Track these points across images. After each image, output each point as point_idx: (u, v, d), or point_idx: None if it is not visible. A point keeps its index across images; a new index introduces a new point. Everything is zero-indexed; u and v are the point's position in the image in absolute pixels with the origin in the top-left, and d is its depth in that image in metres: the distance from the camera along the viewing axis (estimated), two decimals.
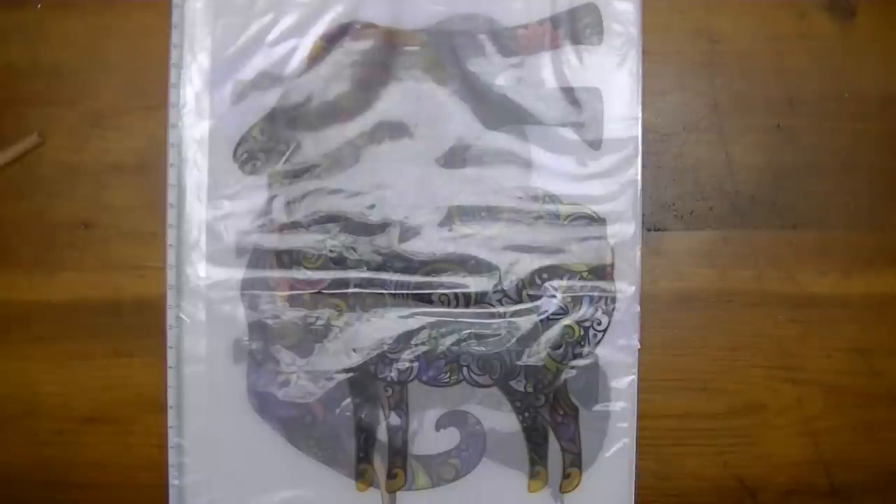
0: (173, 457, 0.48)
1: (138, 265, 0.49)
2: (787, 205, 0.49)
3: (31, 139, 0.49)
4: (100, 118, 0.49)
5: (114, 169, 0.49)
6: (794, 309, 0.48)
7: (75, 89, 0.49)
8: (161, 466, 0.48)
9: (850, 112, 0.48)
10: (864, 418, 0.49)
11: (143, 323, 0.48)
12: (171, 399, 0.48)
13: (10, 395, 0.49)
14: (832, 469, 0.49)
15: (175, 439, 0.48)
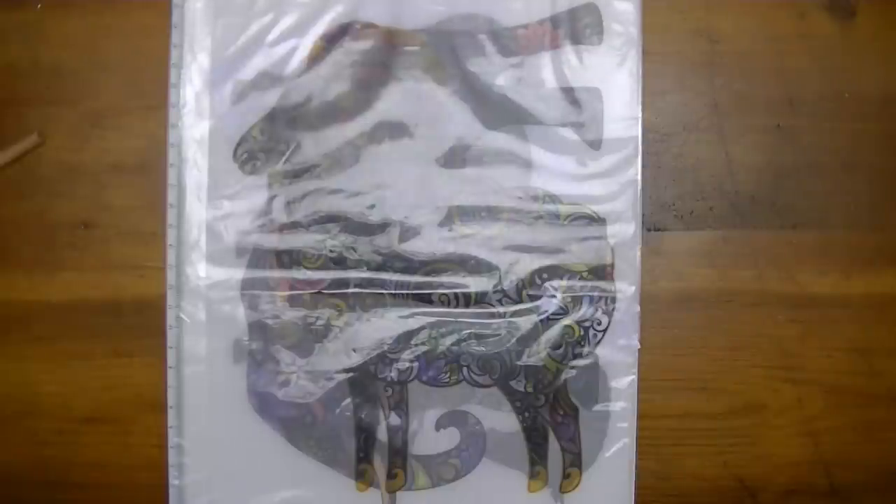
0: (173, 457, 0.48)
1: (138, 265, 0.49)
2: (787, 205, 0.49)
3: (31, 139, 0.49)
4: (100, 118, 0.49)
5: (114, 169, 0.49)
6: (794, 309, 0.48)
7: (75, 89, 0.49)
8: (161, 466, 0.48)
9: (850, 112, 0.48)
10: (864, 418, 0.49)
11: (143, 323, 0.48)
12: (171, 399, 0.48)
13: (10, 395, 0.49)
14: (832, 469, 0.49)
15: (175, 439, 0.48)
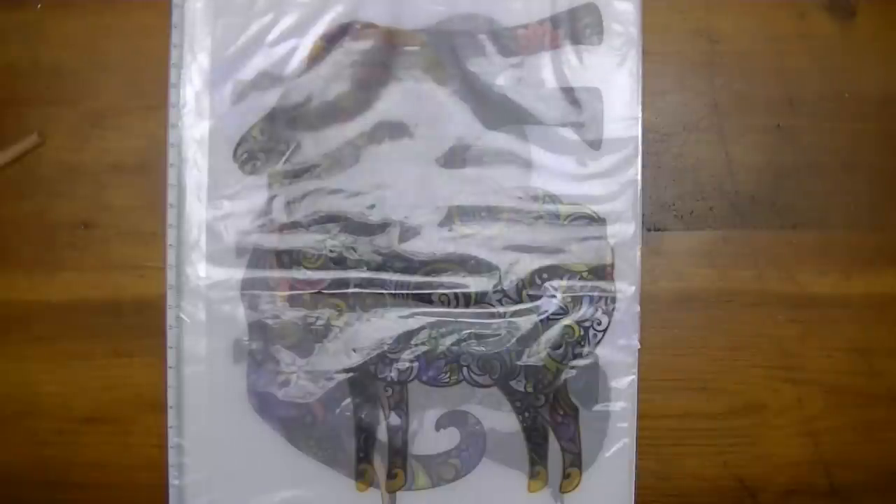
0: (173, 457, 0.48)
1: (138, 265, 0.49)
2: (787, 205, 0.49)
3: (31, 139, 0.49)
4: (100, 118, 0.49)
5: (114, 169, 0.49)
6: (794, 309, 0.48)
7: (75, 89, 0.49)
8: (161, 466, 0.48)
9: (850, 112, 0.48)
10: (864, 418, 0.49)
11: (143, 323, 0.48)
12: (171, 399, 0.48)
13: (10, 395, 0.49)
14: (832, 469, 0.49)
15: (175, 439, 0.48)
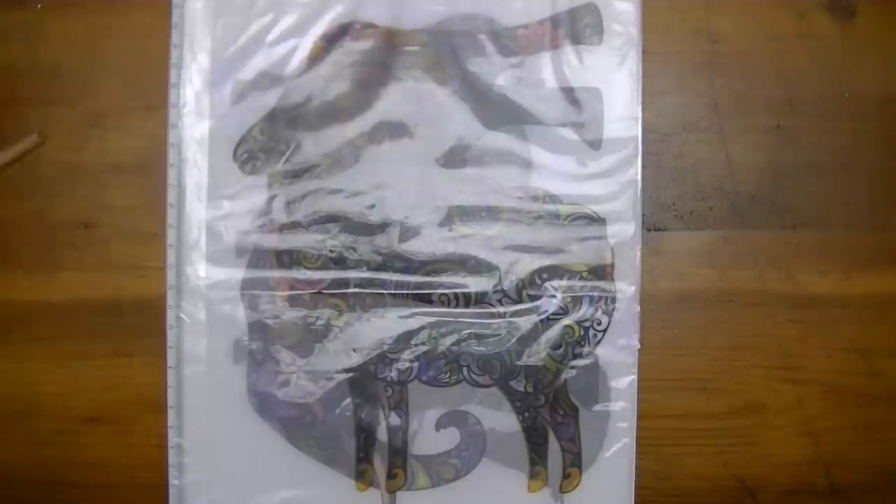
0: (173, 457, 0.48)
1: (138, 265, 0.49)
2: (787, 205, 0.49)
3: (31, 139, 0.49)
4: (100, 118, 0.49)
5: (114, 169, 0.49)
6: (794, 309, 0.48)
7: (75, 89, 0.49)
8: (161, 466, 0.48)
9: (850, 112, 0.48)
10: (864, 418, 0.49)
11: (143, 323, 0.48)
12: (171, 399, 0.48)
13: (10, 395, 0.49)
14: (832, 469, 0.49)
15: (175, 439, 0.48)
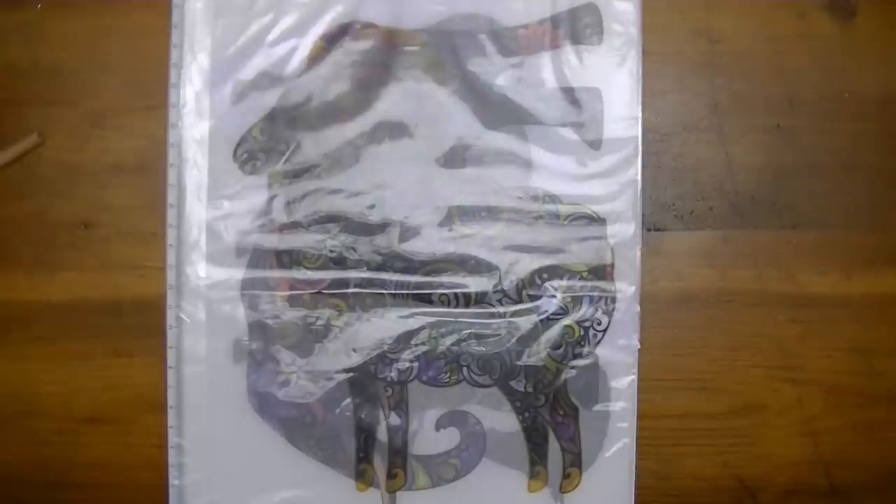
0: (173, 457, 0.48)
1: (138, 265, 0.49)
2: (787, 205, 0.49)
3: (31, 139, 0.49)
4: (100, 118, 0.49)
5: (114, 169, 0.49)
6: (794, 309, 0.48)
7: (75, 89, 0.49)
8: (161, 466, 0.48)
9: (850, 112, 0.48)
10: (864, 418, 0.49)
11: (143, 323, 0.48)
12: (171, 399, 0.48)
13: (10, 395, 0.49)
14: (832, 469, 0.49)
15: (175, 439, 0.48)
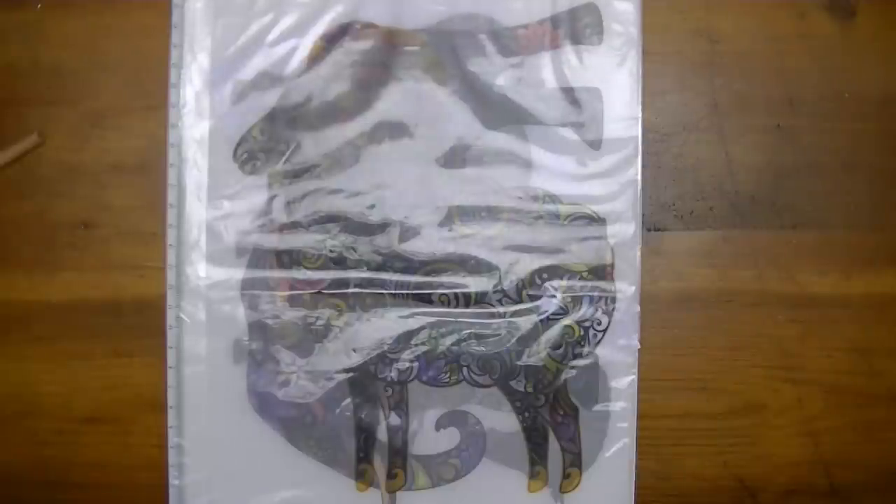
0: (173, 457, 0.48)
1: (138, 265, 0.49)
2: (787, 205, 0.49)
3: (31, 139, 0.49)
4: (100, 118, 0.49)
5: (114, 169, 0.49)
6: (794, 309, 0.48)
7: (75, 89, 0.49)
8: (161, 466, 0.48)
9: (850, 112, 0.48)
10: (864, 418, 0.49)
11: (143, 323, 0.48)
12: (171, 399, 0.48)
13: (10, 395, 0.49)
14: (832, 469, 0.49)
15: (175, 439, 0.48)
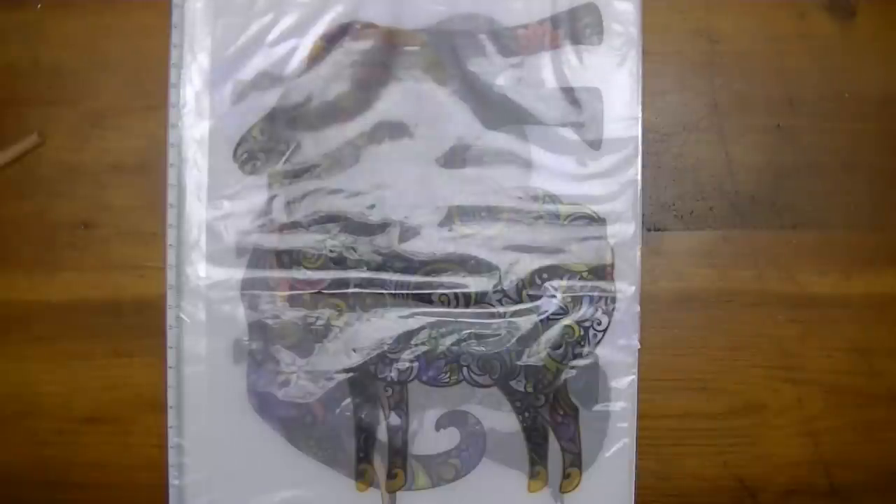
0: (173, 457, 0.48)
1: (138, 265, 0.49)
2: (787, 205, 0.49)
3: (31, 139, 0.49)
4: (100, 118, 0.49)
5: (114, 169, 0.49)
6: (794, 309, 0.48)
7: (75, 89, 0.49)
8: (161, 466, 0.48)
9: (850, 112, 0.48)
10: (864, 418, 0.48)
11: (143, 323, 0.48)
12: (171, 399, 0.48)
13: (10, 395, 0.49)
14: (832, 469, 0.49)
15: (175, 439, 0.48)
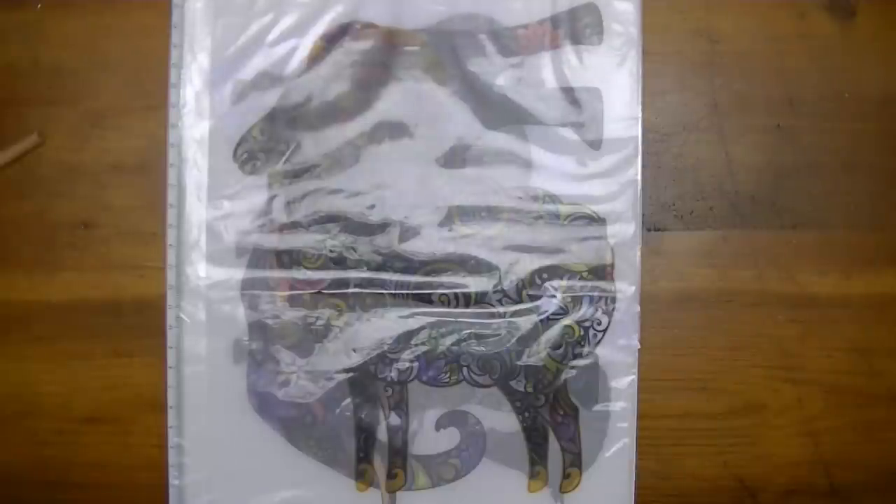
0: (173, 457, 0.48)
1: (138, 265, 0.49)
2: (787, 205, 0.49)
3: (31, 139, 0.49)
4: (100, 118, 0.49)
5: (114, 169, 0.49)
6: (794, 309, 0.48)
7: (75, 89, 0.49)
8: (161, 466, 0.48)
9: (850, 112, 0.48)
10: (864, 418, 0.49)
11: (143, 323, 0.48)
12: (171, 399, 0.48)
13: (10, 395, 0.49)
14: (832, 469, 0.49)
15: (175, 439, 0.48)
